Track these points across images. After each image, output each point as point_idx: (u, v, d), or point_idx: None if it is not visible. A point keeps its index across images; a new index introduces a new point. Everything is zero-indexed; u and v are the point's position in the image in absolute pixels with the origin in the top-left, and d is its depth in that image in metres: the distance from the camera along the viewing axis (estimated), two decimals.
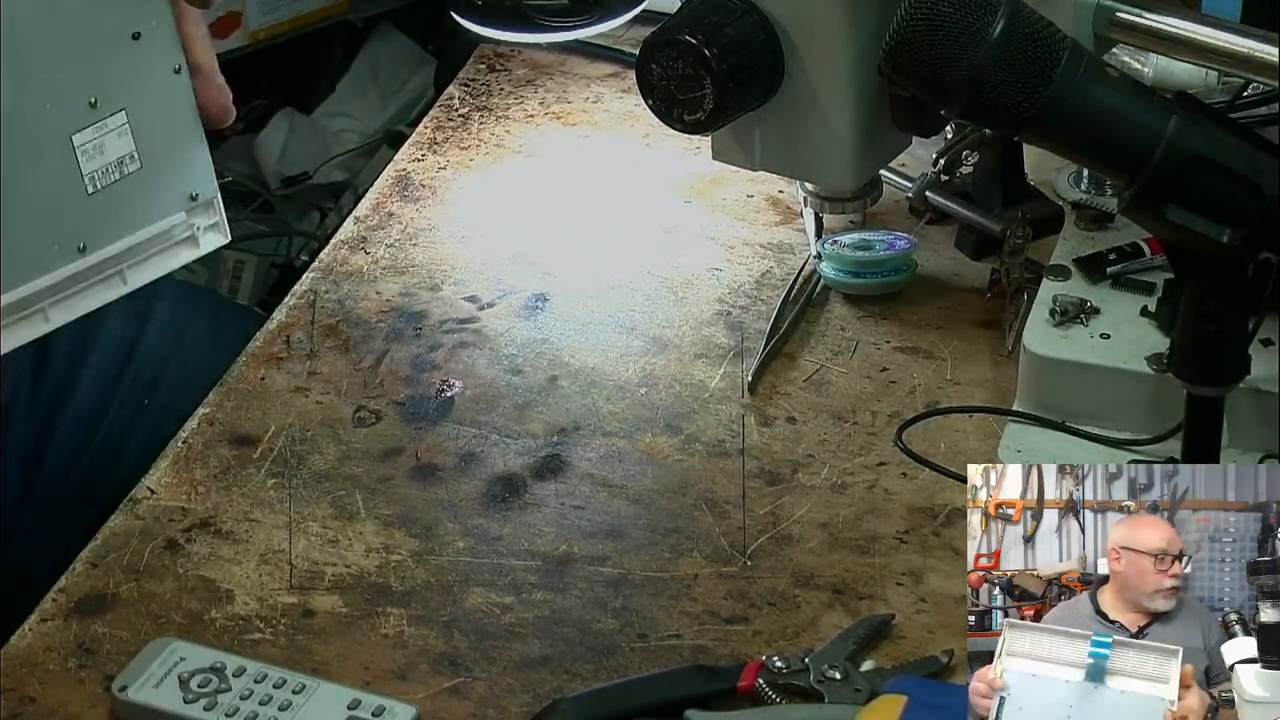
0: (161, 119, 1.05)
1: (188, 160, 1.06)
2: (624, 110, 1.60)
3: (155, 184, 1.04)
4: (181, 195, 1.05)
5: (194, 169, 1.06)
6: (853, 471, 1.24)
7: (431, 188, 1.53)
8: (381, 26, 2.22)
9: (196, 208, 1.06)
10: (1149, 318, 1.25)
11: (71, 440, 1.39)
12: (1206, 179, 1.02)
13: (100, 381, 1.41)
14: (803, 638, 1.13)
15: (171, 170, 1.05)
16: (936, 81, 1.04)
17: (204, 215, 1.07)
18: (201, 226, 1.07)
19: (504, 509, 1.23)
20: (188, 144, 1.06)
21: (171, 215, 1.05)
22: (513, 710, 1.09)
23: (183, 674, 1.10)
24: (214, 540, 1.21)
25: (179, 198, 1.05)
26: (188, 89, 1.06)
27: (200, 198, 1.06)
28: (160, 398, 1.41)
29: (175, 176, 1.05)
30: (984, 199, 1.41)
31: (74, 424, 1.39)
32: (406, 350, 1.36)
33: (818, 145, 1.30)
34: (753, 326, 1.36)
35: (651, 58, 1.27)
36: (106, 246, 1.02)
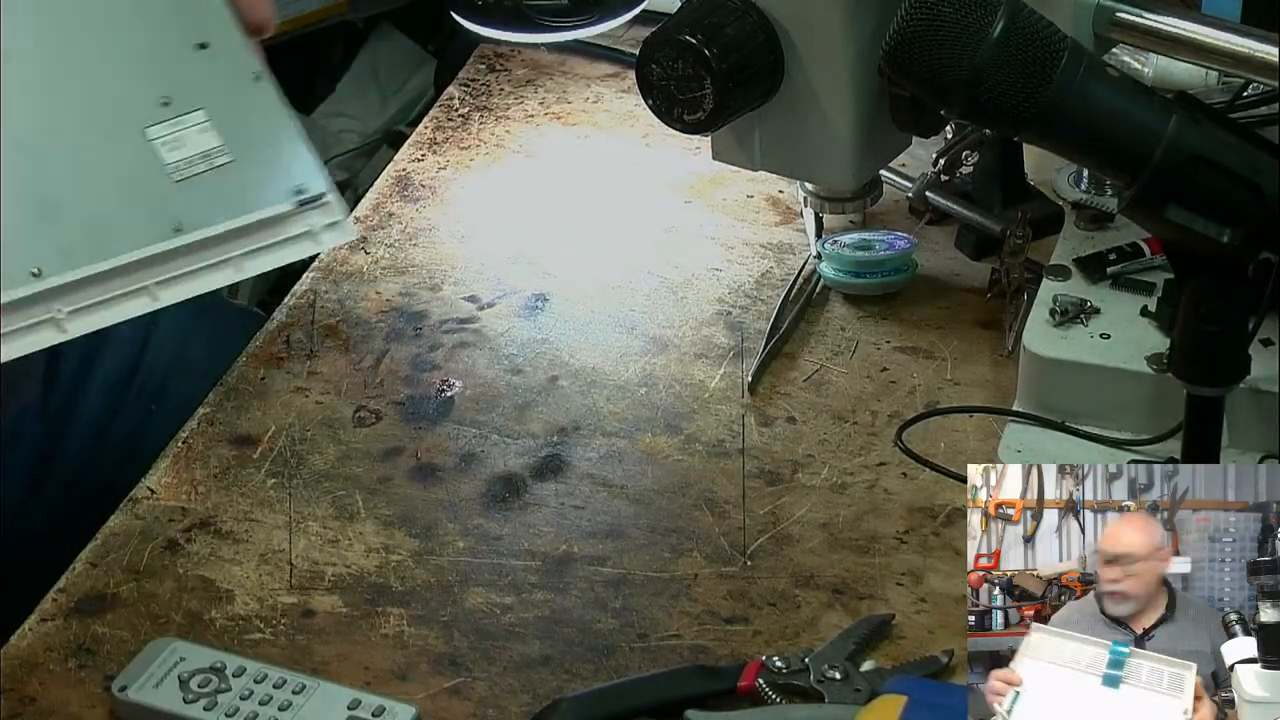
0: (247, 119, 1.10)
1: (285, 156, 1.10)
2: (624, 110, 1.60)
3: (252, 176, 1.09)
4: (286, 188, 1.09)
5: (295, 165, 1.10)
6: (853, 471, 1.24)
7: (431, 188, 1.53)
8: (381, 26, 2.22)
9: (310, 206, 1.10)
10: (1149, 318, 1.25)
11: (81, 446, 1.39)
12: (1206, 179, 1.02)
13: (109, 388, 1.41)
14: (803, 638, 1.13)
15: (268, 165, 1.10)
16: (936, 81, 1.04)
17: (321, 214, 1.10)
18: (320, 225, 1.10)
19: (504, 509, 1.23)
20: (281, 142, 1.11)
21: (278, 206, 1.09)
22: (513, 710, 1.09)
23: (183, 674, 1.10)
24: (214, 540, 1.21)
25: (283, 190, 1.09)
26: (274, 91, 1.11)
27: (307, 192, 1.09)
28: (168, 403, 1.41)
29: (274, 171, 1.10)
30: (984, 199, 1.41)
31: (83, 430, 1.40)
32: (406, 350, 1.36)
33: (818, 145, 1.30)
34: (753, 326, 1.36)
35: (651, 58, 1.27)
36: (203, 228, 1.06)
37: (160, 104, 1.08)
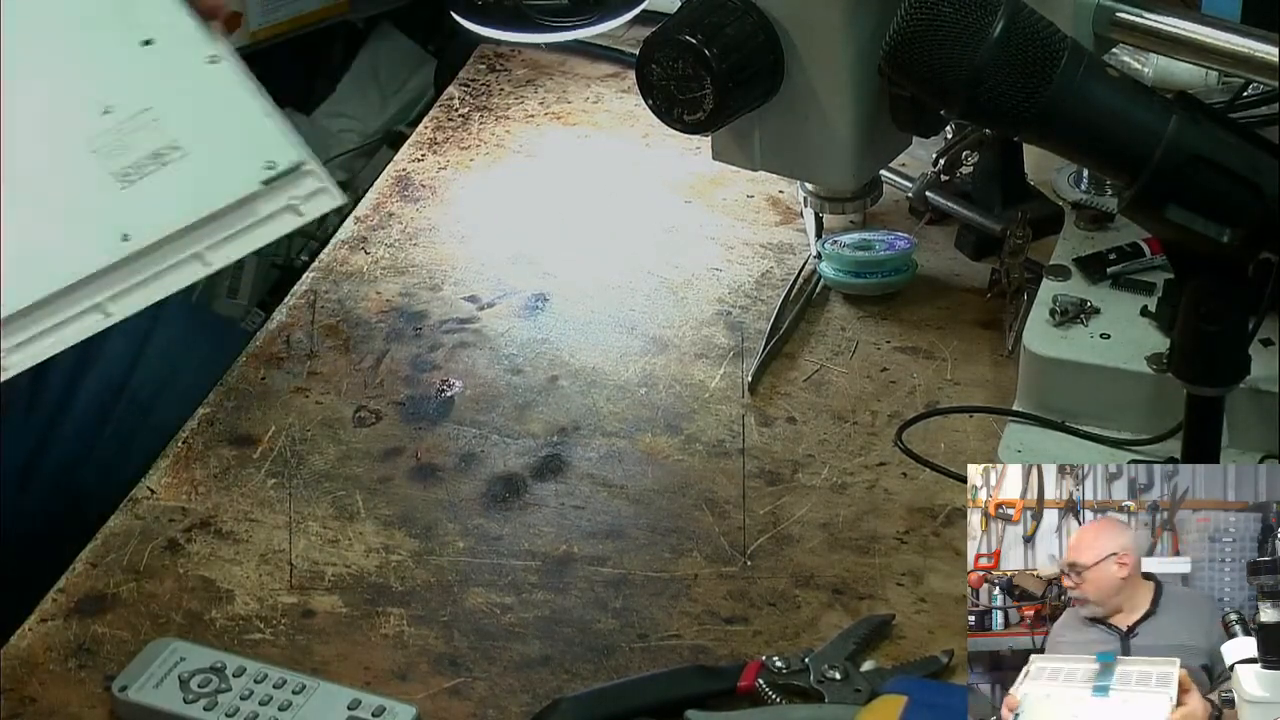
0: (203, 108, 1.07)
1: (250, 134, 1.07)
2: (624, 110, 1.60)
3: (211, 165, 1.06)
4: (253, 168, 1.06)
5: (263, 141, 1.07)
6: (853, 471, 1.24)
7: (431, 188, 1.53)
8: (381, 26, 2.22)
9: (284, 180, 1.07)
10: (1149, 318, 1.25)
11: (67, 453, 1.39)
12: (1206, 179, 1.02)
13: (97, 402, 1.41)
14: (803, 638, 1.13)
15: (229, 150, 1.07)
16: (936, 81, 1.04)
17: (298, 184, 1.07)
18: (302, 195, 1.07)
19: (504, 509, 1.23)
20: (246, 120, 1.08)
21: (242, 190, 1.06)
22: (513, 710, 1.09)
23: (183, 674, 1.10)
24: (214, 540, 1.21)
25: (250, 171, 1.06)
26: (233, 71, 1.08)
27: (277, 167, 1.06)
28: (155, 420, 1.39)
29: (236, 154, 1.07)
30: (984, 199, 1.41)
31: (67, 441, 1.39)
32: (406, 350, 1.36)
33: (818, 145, 1.30)
34: (753, 326, 1.36)
35: (651, 58, 1.27)
36: (154, 232, 1.03)
37: (102, 113, 1.05)
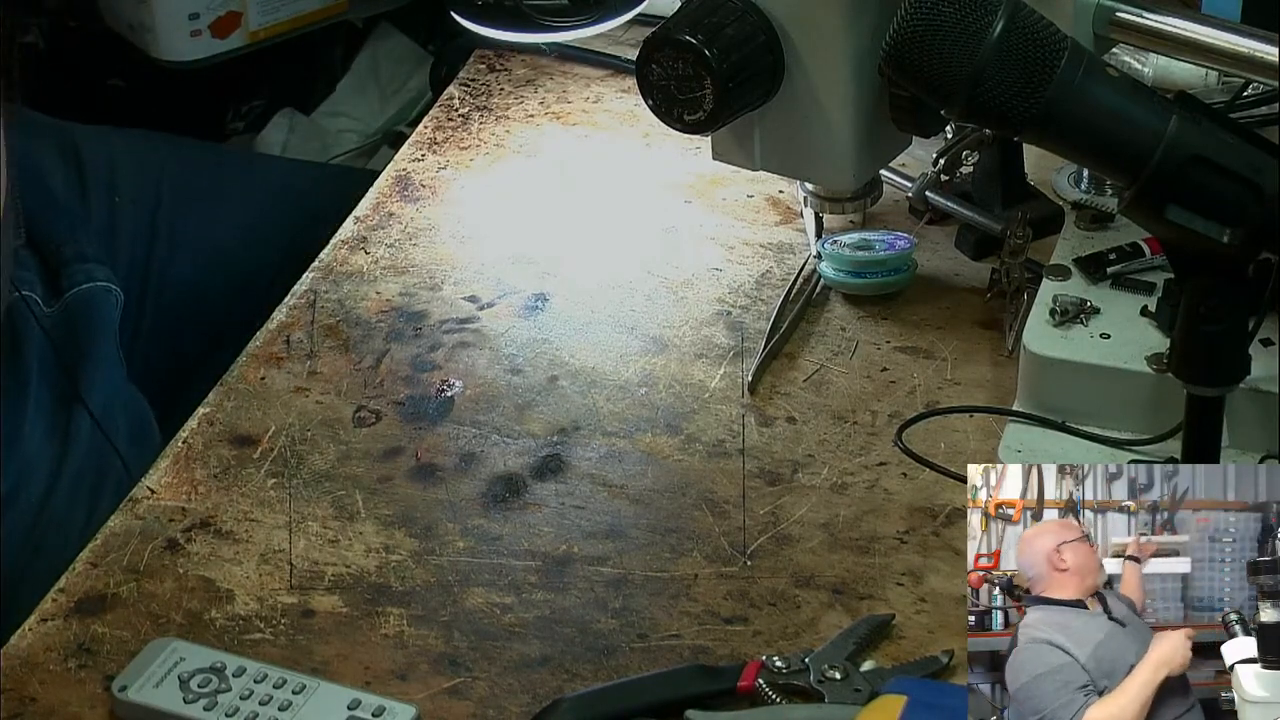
0: None
1: None
2: (624, 110, 1.60)
3: None
4: None
5: None
6: (853, 471, 1.24)
7: (431, 188, 1.53)
8: (381, 26, 2.21)
9: None
10: (1149, 318, 1.25)
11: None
12: (1206, 179, 1.02)
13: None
14: (803, 638, 1.13)
15: None
16: (936, 81, 1.04)
17: None
18: None
19: (504, 509, 1.23)
20: None
21: None
22: (513, 710, 1.09)
23: (183, 674, 1.10)
24: (214, 540, 1.21)
25: None
26: None
27: None
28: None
29: None
30: (984, 199, 1.41)
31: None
32: (406, 350, 1.36)
33: (818, 145, 1.31)
34: (753, 326, 1.36)
35: (651, 58, 1.27)
36: None
37: None
